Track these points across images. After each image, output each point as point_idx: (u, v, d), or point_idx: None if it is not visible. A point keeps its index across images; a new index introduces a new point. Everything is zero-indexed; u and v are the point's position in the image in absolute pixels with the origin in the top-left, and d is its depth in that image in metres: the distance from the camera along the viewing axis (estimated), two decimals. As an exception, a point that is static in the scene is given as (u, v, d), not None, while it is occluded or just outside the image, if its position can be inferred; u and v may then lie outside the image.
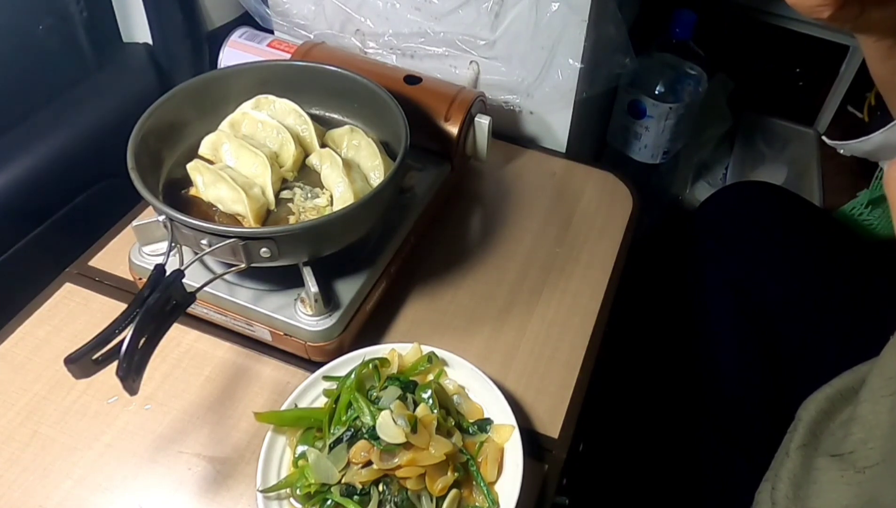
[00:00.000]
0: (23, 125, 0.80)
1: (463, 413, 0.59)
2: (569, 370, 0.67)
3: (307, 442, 0.56)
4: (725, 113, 1.42)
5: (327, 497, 0.53)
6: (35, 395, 0.63)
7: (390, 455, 0.53)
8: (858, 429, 0.55)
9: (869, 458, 0.53)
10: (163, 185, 0.66)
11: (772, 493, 0.61)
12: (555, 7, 0.79)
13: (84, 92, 0.86)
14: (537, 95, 0.87)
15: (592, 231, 0.80)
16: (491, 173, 0.87)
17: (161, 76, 0.92)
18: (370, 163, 0.68)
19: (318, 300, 0.60)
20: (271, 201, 0.66)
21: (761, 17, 1.37)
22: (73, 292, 0.71)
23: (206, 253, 0.57)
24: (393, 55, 0.90)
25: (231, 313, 0.64)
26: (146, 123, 0.64)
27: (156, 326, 0.51)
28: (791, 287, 0.83)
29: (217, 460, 0.59)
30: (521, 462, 0.55)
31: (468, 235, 0.80)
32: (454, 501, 0.53)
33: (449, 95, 0.77)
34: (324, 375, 0.61)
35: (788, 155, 1.44)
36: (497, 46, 0.84)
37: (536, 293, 0.73)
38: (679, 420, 0.88)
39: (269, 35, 0.97)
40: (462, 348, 0.65)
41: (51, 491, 0.57)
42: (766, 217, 0.89)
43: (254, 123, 0.70)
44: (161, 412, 0.62)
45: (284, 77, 0.73)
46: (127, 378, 0.47)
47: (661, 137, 1.14)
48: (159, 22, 0.89)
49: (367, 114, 0.74)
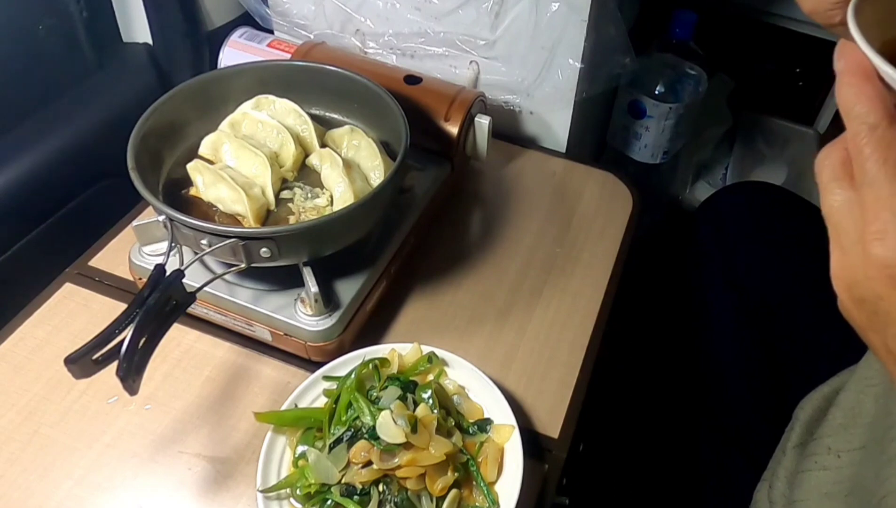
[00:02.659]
0: (23, 125, 0.80)
1: (463, 413, 0.59)
2: (569, 370, 0.67)
3: (307, 442, 0.56)
4: (725, 113, 1.42)
5: (327, 497, 0.53)
6: (35, 395, 0.63)
7: (390, 455, 0.53)
8: (840, 415, 0.55)
9: (850, 442, 0.51)
10: (163, 185, 0.66)
11: (769, 492, 0.61)
12: (555, 7, 0.79)
13: (84, 92, 0.86)
14: (537, 95, 0.87)
15: (592, 231, 0.80)
16: (491, 173, 0.87)
17: (161, 76, 0.92)
18: (370, 163, 0.68)
19: (318, 300, 0.60)
20: (271, 201, 0.66)
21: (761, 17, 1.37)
22: (73, 292, 0.71)
23: (206, 253, 0.57)
24: (393, 55, 0.90)
25: (231, 313, 0.64)
26: (146, 123, 0.64)
27: (156, 326, 0.51)
28: (791, 287, 0.83)
29: (217, 460, 0.59)
30: (521, 462, 0.55)
31: (468, 235, 0.80)
32: (454, 501, 0.53)
33: (449, 95, 0.77)
34: (324, 375, 0.61)
35: (788, 155, 1.44)
36: (497, 46, 0.84)
37: (536, 293, 0.73)
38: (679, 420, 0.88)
39: (269, 35, 0.97)
40: (462, 348, 0.65)
41: (51, 491, 0.57)
42: (766, 217, 0.89)
43: (254, 123, 0.70)
44: (161, 412, 0.62)
45: (284, 77, 0.73)
46: (127, 378, 0.47)
47: (661, 137, 1.14)
48: (159, 22, 0.89)
49: (367, 114, 0.74)
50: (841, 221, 0.33)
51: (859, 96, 0.30)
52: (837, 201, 0.32)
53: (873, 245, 0.30)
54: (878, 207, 0.29)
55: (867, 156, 0.30)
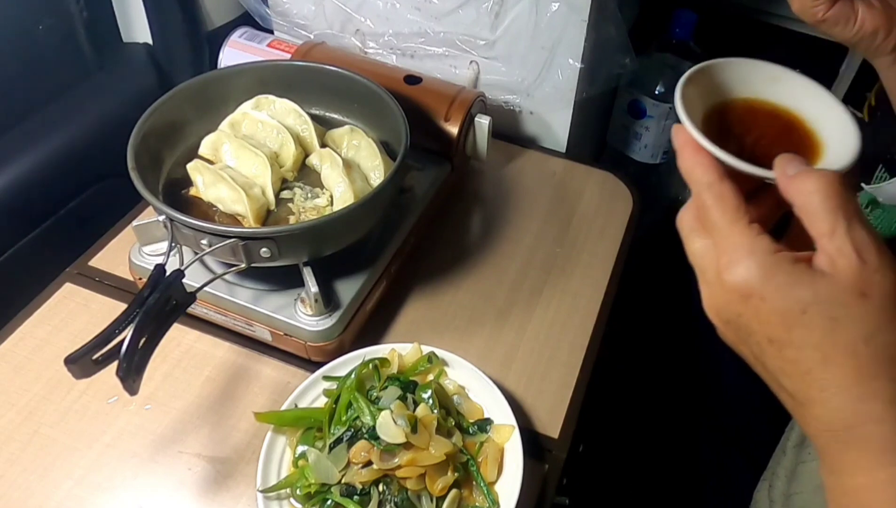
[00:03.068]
0: (23, 125, 0.80)
1: (463, 413, 0.59)
2: (569, 370, 0.67)
3: (307, 442, 0.56)
4: (725, 113, 1.41)
5: (327, 497, 0.53)
6: (35, 395, 0.63)
7: (390, 455, 0.53)
8: None
9: None
10: (163, 185, 0.66)
11: (769, 491, 0.61)
12: (555, 7, 0.79)
13: (84, 92, 0.86)
14: (537, 95, 0.87)
15: (592, 231, 0.80)
16: (491, 173, 0.87)
17: (161, 76, 0.92)
18: (370, 163, 0.68)
19: (318, 300, 0.60)
20: (271, 201, 0.66)
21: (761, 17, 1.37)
22: (73, 292, 0.71)
23: (206, 253, 0.57)
24: (393, 55, 0.90)
25: (231, 313, 0.64)
26: (146, 123, 0.64)
27: (156, 326, 0.51)
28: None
29: (217, 460, 0.59)
30: (521, 462, 0.55)
31: (468, 235, 0.80)
32: (454, 501, 0.53)
33: (449, 95, 0.77)
34: (324, 375, 0.61)
35: (788, 155, 1.44)
36: (497, 46, 0.84)
37: (536, 293, 0.73)
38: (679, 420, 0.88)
39: (269, 35, 0.97)
40: (462, 348, 0.65)
41: (51, 491, 0.57)
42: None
43: (254, 123, 0.70)
44: (161, 412, 0.62)
45: (284, 77, 0.73)
46: (127, 378, 0.47)
47: (661, 137, 1.14)
48: (159, 22, 0.89)
49: (367, 114, 0.74)
50: (701, 262, 0.40)
51: (694, 164, 0.38)
52: (697, 247, 0.40)
53: (726, 274, 0.37)
54: (724, 244, 0.37)
55: (709, 207, 0.37)
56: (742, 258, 0.36)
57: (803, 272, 0.35)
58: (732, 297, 0.38)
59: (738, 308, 0.38)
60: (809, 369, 0.35)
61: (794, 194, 0.36)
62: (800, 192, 0.36)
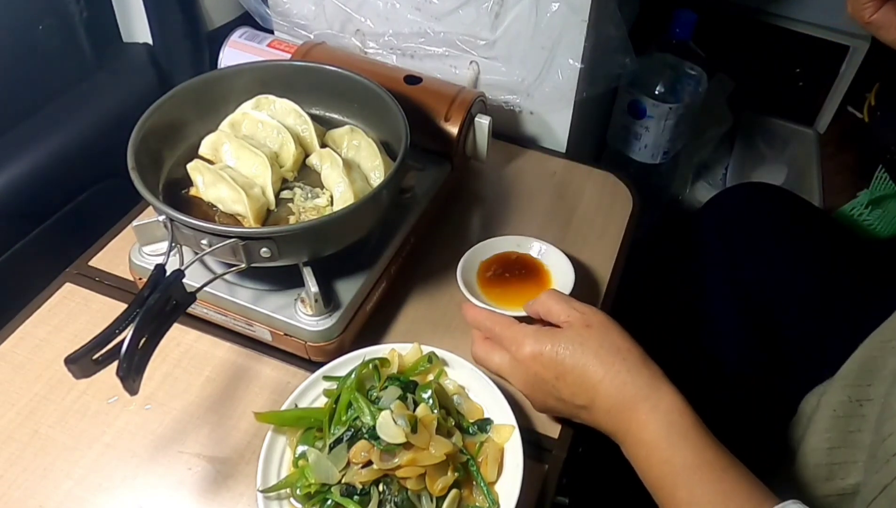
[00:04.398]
0: (23, 125, 0.80)
1: (463, 413, 0.59)
2: (569, 370, 0.67)
3: (307, 442, 0.56)
4: (725, 113, 1.42)
5: (327, 497, 0.53)
6: (35, 395, 0.63)
7: (390, 455, 0.53)
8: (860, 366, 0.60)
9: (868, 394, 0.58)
10: (163, 185, 0.66)
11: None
12: (555, 7, 0.79)
13: (84, 92, 0.86)
14: (537, 95, 0.87)
15: (592, 231, 0.80)
16: (491, 173, 0.87)
17: (161, 76, 0.92)
18: (370, 163, 0.68)
19: (318, 300, 0.60)
20: (271, 201, 0.66)
21: (761, 17, 1.37)
22: (73, 292, 0.71)
23: (207, 253, 0.57)
24: (393, 55, 0.90)
25: (231, 313, 0.64)
26: (146, 123, 0.64)
27: (156, 326, 0.51)
28: (791, 287, 0.83)
29: (217, 460, 0.59)
30: (521, 462, 0.55)
31: (468, 235, 0.80)
32: (454, 501, 0.53)
33: (449, 95, 0.77)
34: (324, 375, 0.60)
35: (788, 155, 1.44)
36: (497, 46, 0.84)
37: (536, 293, 0.73)
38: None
39: (269, 35, 0.97)
40: (462, 348, 0.65)
41: (51, 491, 0.57)
42: (766, 218, 0.89)
43: (254, 123, 0.70)
44: (161, 412, 0.62)
45: (284, 77, 0.73)
46: (127, 378, 0.47)
47: (661, 137, 1.14)
48: (159, 22, 0.89)
49: (367, 114, 0.74)
50: (503, 366, 0.60)
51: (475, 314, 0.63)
52: (496, 360, 0.61)
53: (519, 354, 0.58)
54: (510, 340, 0.59)
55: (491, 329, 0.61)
56: (524, 339, 0.57)
57: (559, 330, 0.57)
58: (529, 365, 0.57)
59: (535, 369, 0.57)
60: (582, 377, 0.54)
61: (538, 308, 0.60)
62: (541, 304, 0.60)
